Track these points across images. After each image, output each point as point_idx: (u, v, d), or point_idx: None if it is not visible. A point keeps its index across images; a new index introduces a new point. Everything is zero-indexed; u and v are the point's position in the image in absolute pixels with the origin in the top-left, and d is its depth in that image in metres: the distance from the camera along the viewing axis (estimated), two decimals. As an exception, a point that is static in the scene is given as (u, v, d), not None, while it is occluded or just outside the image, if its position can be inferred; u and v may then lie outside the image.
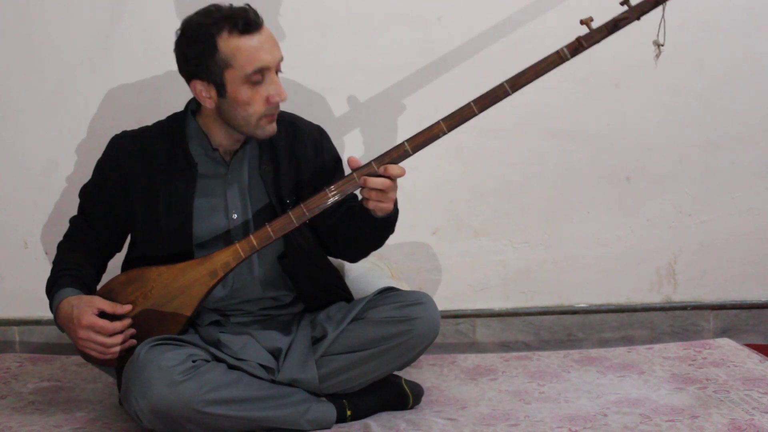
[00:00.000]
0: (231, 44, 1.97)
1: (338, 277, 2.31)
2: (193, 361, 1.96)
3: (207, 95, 2.04)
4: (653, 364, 2.50)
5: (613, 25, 2.03)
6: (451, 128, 2.03)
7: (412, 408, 2.21)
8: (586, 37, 2.02)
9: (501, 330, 2.85)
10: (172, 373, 1.91)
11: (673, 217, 2.83)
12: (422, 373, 2.47)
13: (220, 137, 2.11)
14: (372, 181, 1.98)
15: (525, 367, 2.52)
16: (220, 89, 2.01)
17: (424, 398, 2.25)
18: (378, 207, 2.01)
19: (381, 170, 1.99)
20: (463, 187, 2.79)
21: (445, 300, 2.76)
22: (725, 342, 2.66)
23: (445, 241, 2.81)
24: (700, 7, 2.71)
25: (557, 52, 2.03)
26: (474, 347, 2.82)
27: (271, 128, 2.06)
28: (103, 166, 2.18)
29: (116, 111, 2.66)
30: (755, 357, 2.51)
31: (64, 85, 2.67)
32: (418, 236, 2.80)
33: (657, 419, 2.09)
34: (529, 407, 2.20)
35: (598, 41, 2.03)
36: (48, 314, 2.57)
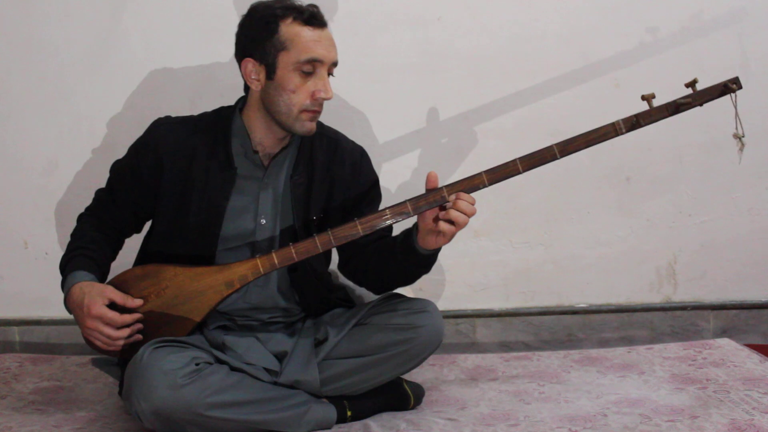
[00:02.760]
0: (292, 29, 2.00)
1: (343, 292, 2.30)
2: (196, 365, 1.96)
3: (256, 77, 2.04)
4: (653, 364, 2.50)
5: (675, 109, 2.02)
6: (492, 182, 2.02)
7: (413, 408, 2.21)
8: (644, 114, 2.02)
9: (501, 330, 2.85)
10: (174, 376, 1.91)
11: (673, 217, 2.83)
12: (422, 373, 2.47)
13: (261, 134, 2.09)
14: (463, 204, 1.96)
15: (525, 367, 2.52)
16: (270, 71, 2.02)
17: (424, 398, 2.25)
18: (448, 231, 1.96)
19: (453, 197, 1.97)
20: (463, 187, 2.79)
21: (445, 300, 2.77)
22: (725, 342, 2.66)
23: (445, 241, 2.81)
24: (700, 7, 2.71)
25: (613, 125, 2.01)
26: (474, 347, 2.82)
27: (310, 126, 2.04)
28: (140, 148, 2.14)
29: (116, 111, 2.65)
30: (755, 357, 2.51)
31: (64, 85, 2.67)
32: (418, 236, 2.80)
33: (657, 419, 2.09)
34: (529, 407, 2.20)
35: (656, 120, 2.02)
36: (48, 314, 2.58)
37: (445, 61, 2.70)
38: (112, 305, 2.00)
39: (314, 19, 2.01)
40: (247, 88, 2.11)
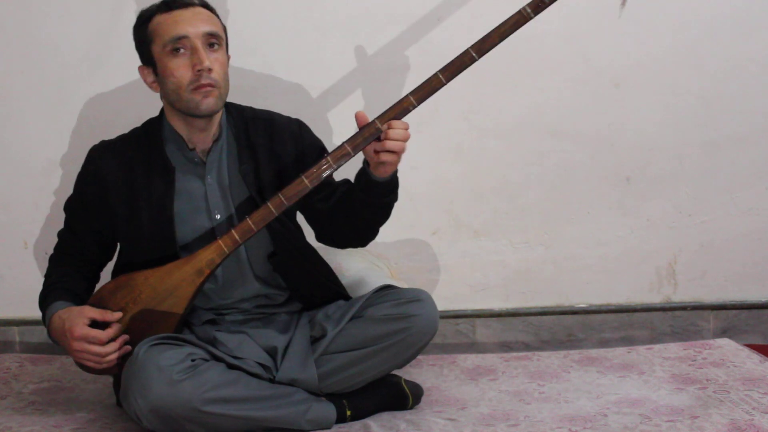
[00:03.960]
0: (155, 21, 2.06)
1: (330, 272, 2.30)
2: (192, 360, 1.97)
3: (151, 79, 2.10)
4: (653, 364, 2.50)
5: None
6: (420, 101, 2.02)
7: (411, 408, 2.21)
8: None
9: (501, 330, 2.85)
10: (171, 372, 1.91)
11: (673, 217, 2.83)
12: (422, 373, 2.47)
13: (186, 131, 2.11)
14: (394, 132, 1.97)
15: (525, 367, 2.52)
16: (154, 67, 2.08)
17: (424, 398, 2.25)
18: (390, 160, 1.98)
19: (385, 127, 1.98)
20: (463, 187, 2.79)
21: (445, 300, 2.76)
22: (725, 342, 2.66)
23: (445, 241, 2.81)
24: (700, 7, 2.72)
25: (520, 12, 2.02)
26: (474, 347, 2.82)
27: (207, 102, 2.04)
28: (82, 178, 2.18)
29: (116, 111, 2.65)
30: (755, 357, 2.51)
31: (64, 85, 2.67)
32: (418, 236, 2.80)
33: (657, 419, 2.09)
34: (529, 407, 2.20)
35: None
36: (48, 314, 2.56)
37: (445, 61, 2.69)
38: (94, 324, 2.02)
39: (174, 3, 2.05)
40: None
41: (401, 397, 2.20)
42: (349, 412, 2.12)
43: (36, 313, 2.73)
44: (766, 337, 2.88)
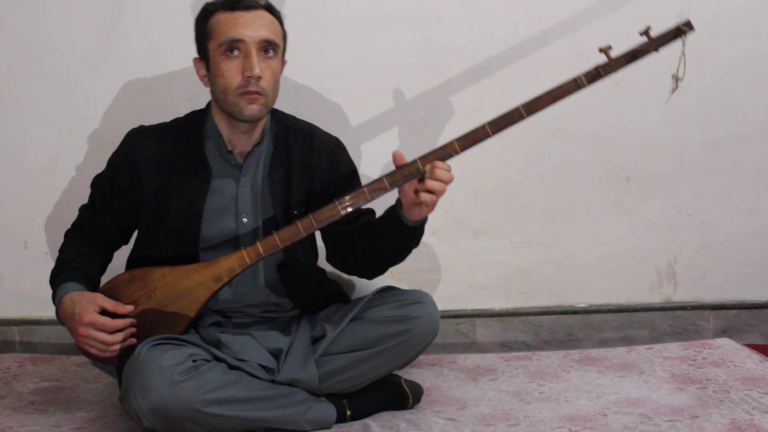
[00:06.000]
0: (216, 18, 2.05)
1: (336, 286, 2.30)
2: (194, 361, 1.96)
3: (203, 72, 2.10)
4: (653, 364, 2.50)
5: (632, 56, 2.04)
6: (464, 148, 2.03)
7: (411, 408, 2.22)
8: (604, 66, 2.03)
9: (501, 330, 2.85)
10: (172, 372, 1.91)
11: (673, 217, 2.83)
12: (422, 373, 2.47)
13: (228, 132, 2.11)
14: (439, 172, 1.97)
15: (525, 367, 2.53)
16: (207, 63, 2.07)
17: (424, 398, 2.25)
18: (429, 201, 1.97)
19: (427, 168, 1.98)
20: (463, 187, 2.78)
21: (445, 300, 2.76)
22: (725, 342, 2.66)
23: (445, 241, 2.81)
24: (700, 7, 2.71)
25: (575, 80, 2.03)
26: (474, 347, 2.82)
27: (251, 109, 2.03)
28: (117, 159, 2.17)
29: (116, 111, 2.65)
30: (755, 357, 2.51)
31: (64, 85, 2.67)
32: (418, 236, 2.80)
33: (657, 419, 2.09)
34: (529, 407, 2.21)
35: (615, 70, 2.04)
36: (48, 314, 2.58)
37: (445, 61, 2.70)
38: (104, 313, 2.01)
39: (238, 3, 2.04)
40: None
41: (401, 396, 2.21)
42: (349, 412, 2.12)
43: (36, 313, 2.76)
44: (766, 337, 2.88)
